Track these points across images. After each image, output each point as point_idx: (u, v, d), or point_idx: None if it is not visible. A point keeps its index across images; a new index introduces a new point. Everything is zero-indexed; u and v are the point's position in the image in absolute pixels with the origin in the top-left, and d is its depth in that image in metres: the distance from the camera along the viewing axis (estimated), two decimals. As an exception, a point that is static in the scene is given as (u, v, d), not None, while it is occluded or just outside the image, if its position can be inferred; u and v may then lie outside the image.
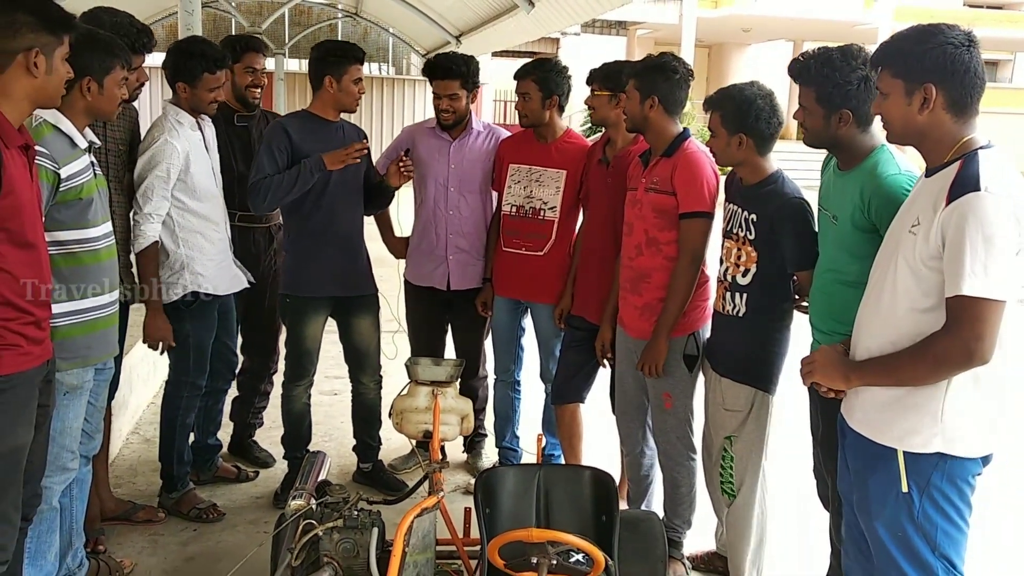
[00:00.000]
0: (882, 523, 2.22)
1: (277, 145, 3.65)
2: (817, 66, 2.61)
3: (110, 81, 2.85)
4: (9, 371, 2.30)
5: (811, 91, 2.64)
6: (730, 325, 3.14)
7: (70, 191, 2.68)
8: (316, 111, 3.78)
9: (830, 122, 2.62)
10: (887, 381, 2.20)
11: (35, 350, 2.39)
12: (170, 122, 3.51)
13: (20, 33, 2.25)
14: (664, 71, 3.25)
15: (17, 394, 2.34)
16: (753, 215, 3.00)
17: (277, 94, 16.09)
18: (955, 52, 2.08)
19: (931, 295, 2.10)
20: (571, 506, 2.78)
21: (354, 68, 3.70)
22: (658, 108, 3.25)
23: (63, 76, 2.39)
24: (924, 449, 2.14)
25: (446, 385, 3.26)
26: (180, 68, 3.55)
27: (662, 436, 3.42)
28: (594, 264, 3.72)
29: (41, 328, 2.43)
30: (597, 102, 3.66)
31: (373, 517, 2.62)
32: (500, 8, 9.07)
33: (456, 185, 4.03)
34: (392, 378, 4.11)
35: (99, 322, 2.86)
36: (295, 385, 3.95)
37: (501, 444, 4.32)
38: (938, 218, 2.04)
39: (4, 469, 2.34)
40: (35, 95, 2.33)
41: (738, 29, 24.29)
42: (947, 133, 2.14)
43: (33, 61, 2.27)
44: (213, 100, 3.61)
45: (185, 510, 3.77)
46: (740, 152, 3.00)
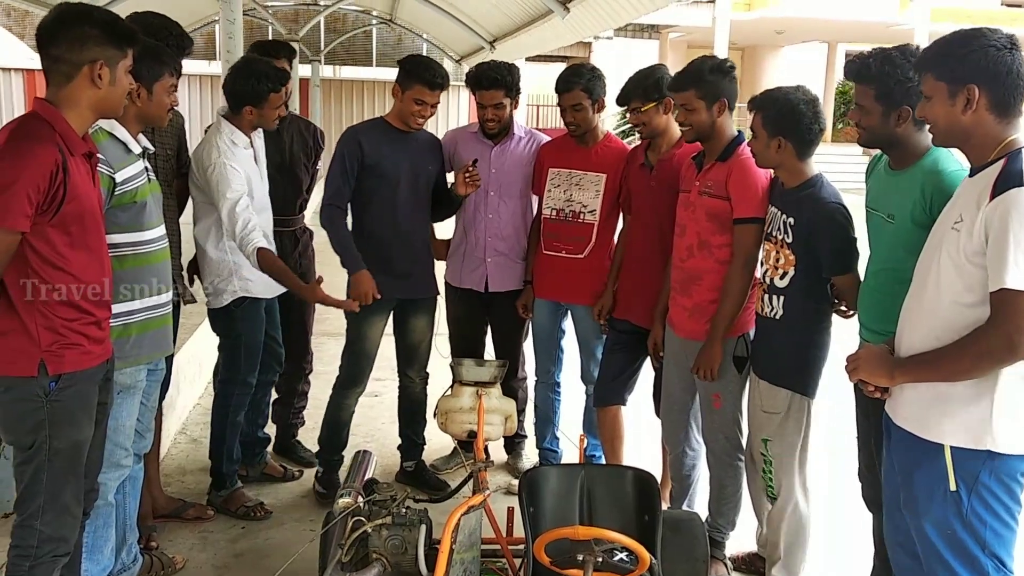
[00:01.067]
0: (930, 521, 2.22)
1: (349, 154, 3.76)
2: (878, 64, 2.63)
3: (159, 88, 2.94)
4: (72, 369, 2.40)
5: (871, 89, 2.65)
6: (768, 327, 3.15)
7: (125, 195, 2.78)
8: (390, 119, 3.89)
9: (888, 120, 2.63)
10: (931, 376, 2.21)
11: (96, 349, 2.49)
12: (224, 142, 3.55)
13: (87, 46, 2.33)
14: (724, 72, 3.24)
15: (79, 391, 2.43)
16: (791, 219, 3.01)
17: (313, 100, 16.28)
18: (997, 54, 2.12)
19: (975, 290, 2.11)
20: (614, 505, 2.80)
21: (418, 88, 3.72)
22: (726, 111, 3.26)
23: (126, 87, 2.47)
24: (973, 445, 2.14)
25: (490, 386, 3.30)
26: (248, 91, 3.59)
27: (711, 436, 3.43)
28: (637, 267, 3.74)
29: (102, 328, 2.52)
30: (646, 116, 3.59)
31: (421, 514, 2.66)
32: (534, 13, 9.12)
33: (496, 189, 4.08)
34: (432, 379, 4.17)
35: (152, 322, 2.95)
36: (350, 391, 4.01)
37: (542, 445, 4.35)
38: (982, 213, 2.06)
39: (66, 463, 2.43)
40: (99, 105, 2.41)
41: (771, 31, 24.13)
42: (990, 134, 2.16)
43: (98, 73, 2.35)
44: (280, 116, 3.70)
45: (233, 508, 3.85)
46: (778, 155, 3.01)
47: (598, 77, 3.86)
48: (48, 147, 2.27)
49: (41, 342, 2.35)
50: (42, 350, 2.35)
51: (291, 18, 16.19)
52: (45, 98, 2.38)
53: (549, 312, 4.13)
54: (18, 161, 2.23)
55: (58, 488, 2.43)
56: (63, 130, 2.33)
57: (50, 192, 2.26)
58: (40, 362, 2.35)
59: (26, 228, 2.25)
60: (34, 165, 2.23)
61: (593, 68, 3.91)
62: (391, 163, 3.80)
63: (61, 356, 2.37)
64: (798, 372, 3.09)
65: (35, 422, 2.37)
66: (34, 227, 2.27)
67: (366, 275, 3.71)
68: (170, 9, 4.62)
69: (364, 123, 3.99)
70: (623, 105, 3.69)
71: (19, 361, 2.34)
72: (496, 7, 10.03)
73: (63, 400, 2.39)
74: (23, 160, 2.23)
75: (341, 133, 3.92)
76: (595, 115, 3.89)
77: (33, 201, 2.23)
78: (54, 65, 2.35)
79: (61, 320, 2.37)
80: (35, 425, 2.37)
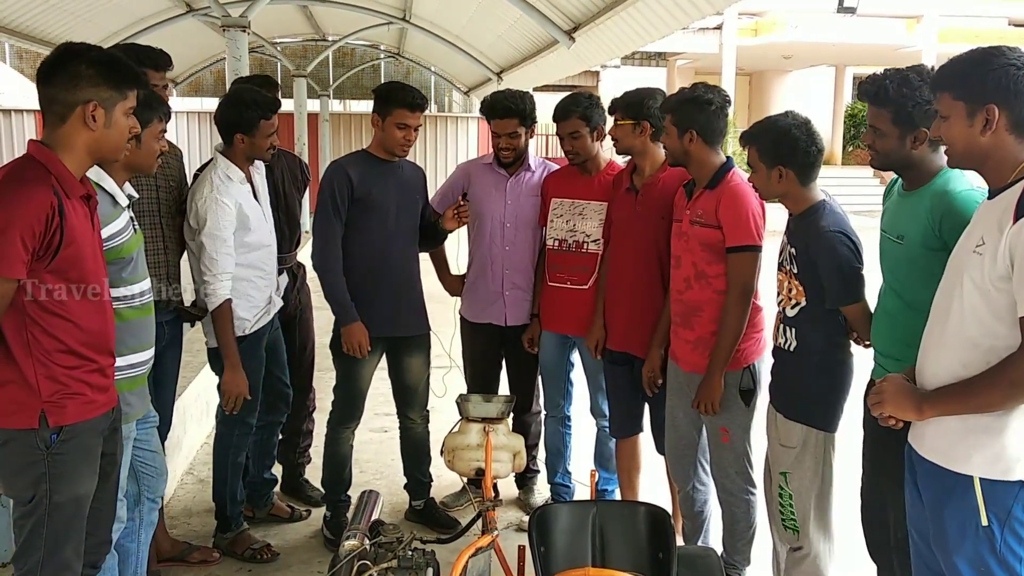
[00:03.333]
0: (963, 558, 2.13)
1: (339, 188, 3.69)
2: (895, 87, 2.56)
3: (148, 135, 2.86)
4: (74, 420, 2.32)
5: (887, 112, 2.59)
6: (783, 359, 3.06)
7: (112, 250, 2.66)
8: (373, 150, 3.83)
9: (904, 143, 2.57)
10: (961, 409, 2.12)
11: (100, 398, 2.41)
12: (219, 177, 3.50)
13: (80, 86, 2.27)
14: (698, 103, 3.21)
15: (81, 443, 2.35)
16: (795, 249, 2.95)
17: (322, 135, 16.37)
18: (1017, 73, 2.05)
19: (1003, 316, 2.03)
20: (627, 543, 2.72)
21: (399, 112, 3.67)
22: (697, 141, 3.21)
23: (125, 130, 2.38)
24: (1003, 477, 2.06)
25: (497, 422, 3.23)
26: (236, 119, 3.56)
27: (720, 471, 3.35)
28: (625, 294, 3.66)
29: (106, 375, 2.44)
30: (620, 132, 3.62)
31: (427, 557, 2.59)
32: (540, 44, 9.15)
33: (512, 221, 4.04)
34: (442, 415, 4.10)
35: (140, 378, 2.86)
36: (344, 428, 3.96)
37: (553, 480, 4.27)
38: (1006, 237, 1.99)
39: (67, 517, 2.35)
40: (94, 148, 2.34)
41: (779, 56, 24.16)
42: (1010, 154, 2.10)
43: (91, 114, 2.28)
44: (271, 145, 3.65)
45: (240, 550, 3.78)
46: (782, 184, 2.94)
47: (596, 105, 3.83)
48: (42, 190, 2.21)
49: (42, 392, 2.27)
50: (43, 401, 2.27)
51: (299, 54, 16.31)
52: (41, 140, 2.33)
53: (556, 345, 4.06)
54: (11, 205, 2.17)
55: (58, 544, 2.34)
56: (58, 172, 2.26)
57: (46, 236, 2.19)
58: (41, 413, 2.27)
59: (22, 275, 2.18)
60: (28, 208, 2.17)
61: (590, 96, 3.88)
62: (380, 194, 3.74)
63: (63, 407, 2.29)
64: (813, 406, 2.99)
65: (35, 475, 2.29)
66: (31, 273, 2.20)
67: (360, 327, 3.68)
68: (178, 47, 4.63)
69: (348, 156, 3.92)
70: (611, 115, 3.69)
71: (19, 413, 2.27)
72: (502, 38, 10.08)
73: (64, 453, 2.31)
74: (16, 204, 2.17)
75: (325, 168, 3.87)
76: (594, 143, 3.85)
77: (28, 246, 2.16)
78: (49, 106, 2.29)
79: (62, 369, 2.29)
80: (35, 479, 2.29)
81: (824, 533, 3.06)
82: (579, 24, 7.35)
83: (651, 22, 6.28)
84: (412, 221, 3.87)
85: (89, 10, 8.40)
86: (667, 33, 6.40)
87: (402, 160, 3.86)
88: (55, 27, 8.39)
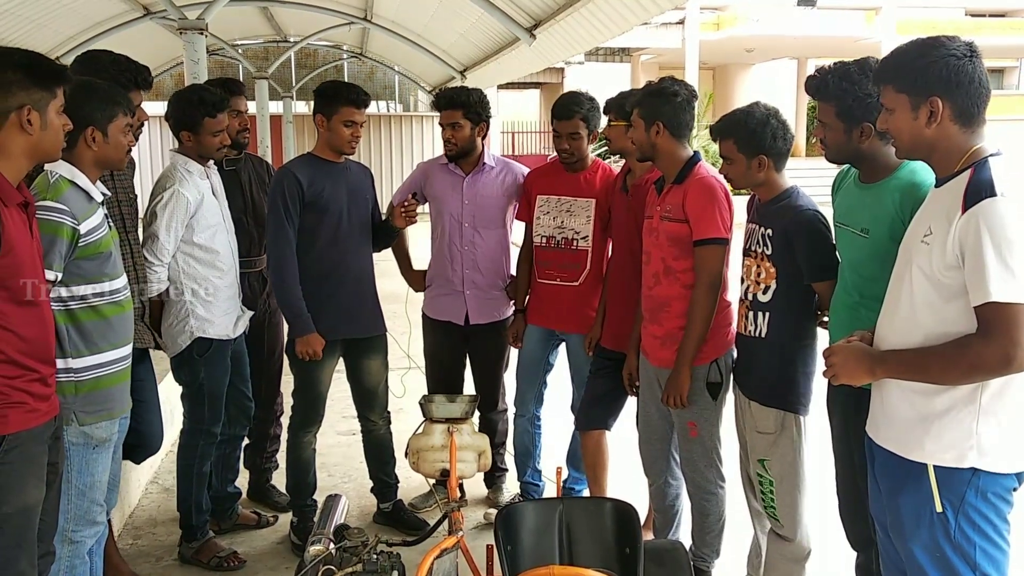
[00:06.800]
0: (918, 545, 2.15)
1: (290, 193, 3.64)
2: (836, 81, 2.59)
3: (114, 129, 2.82)
4: (16, 429, 2.27)
5: (831, 106, 2.62)
6: (753, 347, 3.07)
7: (89, 246, 2.65)
8: (318, 152, 3.78)
9: (851, 136, 2.60)
10: (914, 377, 2.14)
11: (42, 406, 2.36)
12: (180, 172, 3.52)
13: (11, 92, 2.22)
14: (665, 95, 3.23)
15: (25, 452, 2.30)
16: (769, 229, 2.97)
17: (286, 136, 16.24)
18: (958, 63, 2.07)
19: (952, 300, 2.06)
20: (594, 540, 2.72)
21: (345, 110, 3.64)
22: (664, 134, 3.22)
23: (59, 128, 2.36)
24: (956, 464, 2.08)
25: (462, 422, 3.21)
26: (181, 117, 3.56)
27: (689, 465, 3.36)
28: (620, 293, 3.69)
29: (47, 384, 2.39)
30: (613, 132, 3.65)
31: (393, 560, 2.57)
32: (502, 42, 9.13)
33: (470, 221, 4.02)
34: (406, 414, 4.07)
35: (123, 374, 2.84)
36: (305, 432, 3.91)
37: (523, 479, 4.26)
38: (954, 227, 2.01)
39: (17, 529, 2.30)
40: (32, 151, 2.30)
41: (741, 49, 24.37)
42: (956, 144, 2.11)
43: (27, 118, 2.24)
44: (220, 144, 3.62)
45: (205, 559, 3.73)
46: (761, 173, 2.97)
47: (596, 108, 3.85)
48: None
49: None
50: None
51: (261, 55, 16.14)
52: None
53: (540, 340, 4.06)
54: None
55: (11, 558, 2.28)
56: None
57: None
58: None
59: None
60: None
61: (591, 98, 3.89)
62: (331, 196, 3.70)
63: (4, 416, 2.24)
64: (787, 390, 3.00)
65: None
66: None
67: (315, 337, 3.67)
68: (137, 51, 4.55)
69: (294, 160, 3.86)
70: (606, 115, 3.72)
71: None
72: (464, 37, 10.04)
73: (9, 463, 2.25)
74: None
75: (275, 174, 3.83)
76: (588, 144, 3.87)
77: None
78: None
79: (2, 378, 2.24)
80: None
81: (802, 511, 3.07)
82: (540, 21, 7.35)
83: (611, 18, 6.29)
84: (363, 221, 3.84)
85: (44, 15, 8.24)
86: (627, 29, 6.42)
87: (349, 161, 3.83)
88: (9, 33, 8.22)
